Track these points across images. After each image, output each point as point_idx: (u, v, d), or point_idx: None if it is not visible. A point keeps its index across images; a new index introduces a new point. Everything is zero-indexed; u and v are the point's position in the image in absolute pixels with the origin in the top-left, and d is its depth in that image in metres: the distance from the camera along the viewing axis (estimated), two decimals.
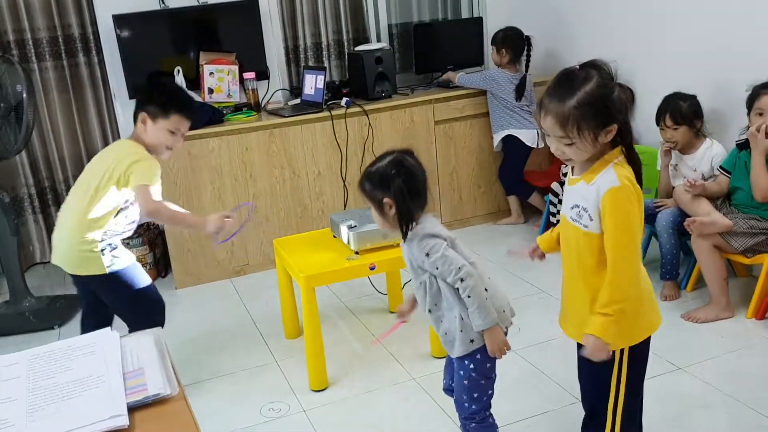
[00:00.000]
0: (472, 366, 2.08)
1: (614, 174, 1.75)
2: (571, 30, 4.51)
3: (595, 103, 1.73)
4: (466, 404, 2.13)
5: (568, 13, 4.51)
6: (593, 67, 1.78)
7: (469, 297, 1.98)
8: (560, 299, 2.03)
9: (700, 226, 3.15)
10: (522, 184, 4.61)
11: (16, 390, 1.38)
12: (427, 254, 2.00)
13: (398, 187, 2.00)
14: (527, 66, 4.43)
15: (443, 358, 2.39)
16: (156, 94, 2.76)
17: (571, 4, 4.47)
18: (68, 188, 4.57)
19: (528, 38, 4.41)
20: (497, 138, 4.54)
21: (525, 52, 4.42)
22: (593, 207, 1.78)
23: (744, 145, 3.20)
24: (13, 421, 1.28)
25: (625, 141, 1.80)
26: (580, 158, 1.82)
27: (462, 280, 1.97)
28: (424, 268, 2.04)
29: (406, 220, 2.03)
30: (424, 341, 3.14)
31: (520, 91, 4.38)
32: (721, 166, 3.35)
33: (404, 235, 2.05)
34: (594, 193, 1.77)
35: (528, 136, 4.43)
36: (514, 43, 4.41)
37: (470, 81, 4.52)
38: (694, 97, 3.46)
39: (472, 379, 2.10)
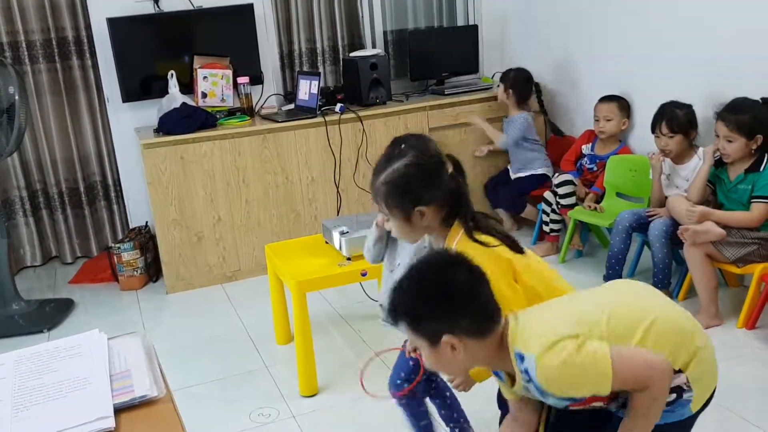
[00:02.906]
0: None
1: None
2: (566, 39, 4.53)
3: (399, 180, 1.75)
4: None
5: (563, 22, 4.52)
6: (414, 145, 1.79)
7: None
8: None
9: (693, 234, 3.16)
10: (517, 201, 4.57)
11: (2, 390, 1.37)
12: None
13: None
14: (542, 106, 4.63)
15: None
16: None
17: (567, 14, 4.48)
18: (60, 191, 4.58)
19: (537, 84, 4.55)
20: (521, 173, 4.52)
21: (535, 96, 4.57)
22: None
23: (720, 162, 3.28)
24: None
25: (464, 217, 1.76)
26: (402, 236, 1.84)
27: None
28: None
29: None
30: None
31: (554, 130, 4.61)
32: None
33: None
34: None
35: (550, 172, 4.45)
36: (521, 85, 4.47)
37: (514, 135, 4.43)
38: (690, 106, 3.48)
39: None
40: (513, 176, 4.56)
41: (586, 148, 4.22)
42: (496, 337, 1.50)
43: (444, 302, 1.46)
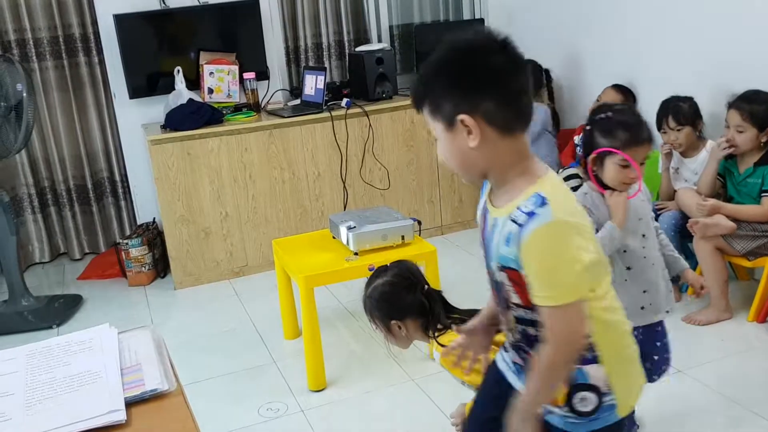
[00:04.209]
0: None
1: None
2: (572, 33, 4.51)
3: (379, 297, 2.02)
4: None
5: (569, 15, 4.50)
6: (395, 267, 2.08)
7: None
8: None
9: (703, 228, 3.15)
10: None
11: (14, 384, 1.37)
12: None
13: None
14: (551, 97, 4.43)
15: None
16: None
17: (573, 7, 4.46)
18: (68, 188, 4.60)
19: (547, 71, 4.45)
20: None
21: (545, 84, 4.44)
22: None
23: (729, 155, 3.26)
24: (11, 414, 1.27)
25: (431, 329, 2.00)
26: (392, 343, 2.07)
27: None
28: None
29: None
30: (422, 343, 3.13)
31: (556, 123, 4.37)
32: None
33: None
34: None
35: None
36: (533, 76, 4.39)
37: (534, 129, 4.16)
38: (691, 98, 3.46)
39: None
40: None
41: (577, 139, 4.20)
42: (517, 149, 1.33)
43: (468, 79, 1.29)
